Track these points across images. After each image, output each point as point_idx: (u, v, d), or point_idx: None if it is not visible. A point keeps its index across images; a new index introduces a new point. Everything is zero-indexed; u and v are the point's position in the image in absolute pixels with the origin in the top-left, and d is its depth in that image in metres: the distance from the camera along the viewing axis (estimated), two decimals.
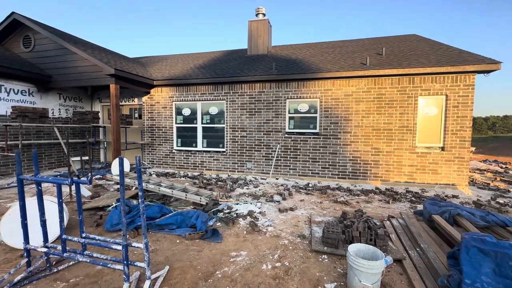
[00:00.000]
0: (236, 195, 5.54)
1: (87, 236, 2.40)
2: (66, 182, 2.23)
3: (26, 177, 2.43)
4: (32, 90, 7.55)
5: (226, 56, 10.81)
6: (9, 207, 4.50)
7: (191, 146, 8.35)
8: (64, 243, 2.36)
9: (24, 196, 2.49)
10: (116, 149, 7.23)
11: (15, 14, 7.57)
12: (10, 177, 6.85)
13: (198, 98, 8.09)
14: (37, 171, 2.43)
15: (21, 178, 2.43)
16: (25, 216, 2.48)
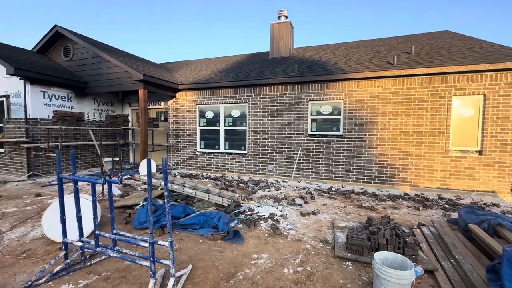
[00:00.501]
0: (257, 198, 5.55)
1: (117, 233, 2.54)
2: (100, 181, 2.38)
3: (65, 176, 2.63)
4: (70, 95, 8.19)
5: (248, 59, 10.94)
6: (50, 203, 4.90)
7: (214, 148, 8.52)
8: (97, 238, 2.52)
9: (63, 194, 2.70)
10: (143, 150, 7.59)
11: (57, 27, 8.29)
12: (51, 175, 7.47)
13: (221, 101, 8.25)
14: (74, 171, 2.62)
15: (61, 177, 2.64)
16: (63, 212, 2.69)
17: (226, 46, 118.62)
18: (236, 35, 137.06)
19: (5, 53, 7.23)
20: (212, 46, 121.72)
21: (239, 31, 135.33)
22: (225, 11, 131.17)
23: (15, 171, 7.36)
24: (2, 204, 4.84)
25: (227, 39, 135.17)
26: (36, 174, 7.20)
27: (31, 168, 7.14)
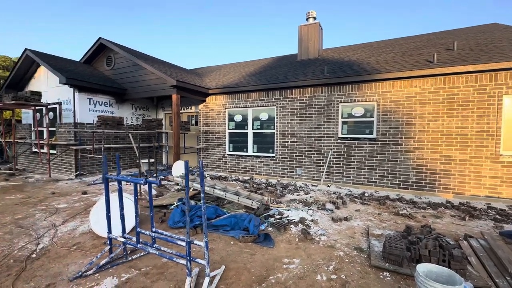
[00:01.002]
0: (286, 201, 5.50)
1: (156, 231, 2.68)
2: (141, 182, 2.54)
3: (110, 176, 2.85)
4: (112, 101, 8.88)
5: (276, 62, 10.96)
6: (95, 200, 5.33)
7: (242, 151, 8.64)
8: (138, 235, 2.69)
9: (109, 192, 2.92)
10: (176, 153, 7.94)
11: (101, 39, 9.06)
12: (94, 175, 8.13)
13: (249, 104, 8.36)
14: (119, 171, 2.83)
15: (107, 177, 2.87)
16: (109, 209, 2.91)
17: (253, 50, 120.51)
18: (261, 40, 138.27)
19: (59, 64, 8.07)
20: (239, 51, 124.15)
21: (264, 36, 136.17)
22: (251, 17, 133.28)
23: (65, 170, 8.14)
24: (56, 200, 5.37)
25: (253, 43, 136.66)
26: (82, 173, 7.89)
27: (78, 168, 7.85)
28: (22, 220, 4.19)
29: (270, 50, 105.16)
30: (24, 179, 7.50)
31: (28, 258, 3.02)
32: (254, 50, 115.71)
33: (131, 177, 2.69)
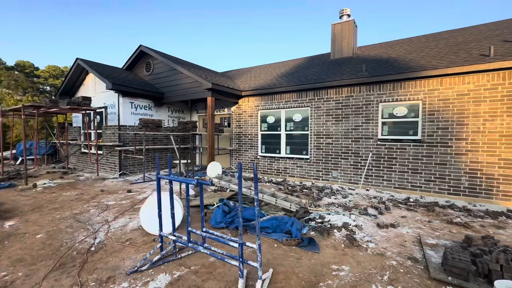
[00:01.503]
0: (324, 205, 5.34)
1: (207, 231, 2.73)
2: (193, 183, 2.61)
3: (162, 176, 2.97)
4: (150, 105, 9.37)
5: (308, 62, 10.77)
6: (140, 198, 5.64)
7: (275, 153, 8.59)
8: (189, 234, 2.76)
9: (160, 192, 3.05)
10: (210, 154, 8.13)
11: (142, 46, 9.62)
12: (135, 174, 8.63)
13: (282, 106, 8.30)
14: (169, 172, 2.94)
15: (159, 176, 2.99)
16: (160, 208, 3.03)
17: (281, 52, 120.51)
18: (291, 40, 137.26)
19: (105, 72, 8.72)
20: (268, 53, 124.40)
21: (293, 37, 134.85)
22: (279, 17, 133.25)
23: (110, 169, 8.75)
24: (105, 197, 5.78)
25: (282, 45, 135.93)
26: (125, 172, 8.42)
27: (122, 167, 8.38)
28: (79, 215, 4.56)
29: (299, 51, 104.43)
30: (76, 177, 8.20)
31: (88, 251, 3.25)
32: (282, 51, 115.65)
33: (183, 178, 2.77)
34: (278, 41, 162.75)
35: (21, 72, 39.43)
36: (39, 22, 67.75)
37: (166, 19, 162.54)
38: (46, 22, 68.65)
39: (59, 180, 7.67)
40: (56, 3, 69.28)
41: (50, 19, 71.15)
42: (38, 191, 6.32)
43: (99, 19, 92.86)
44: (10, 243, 3.47)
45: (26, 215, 4.61)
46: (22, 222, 4.24)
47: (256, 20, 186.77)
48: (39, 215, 4.59)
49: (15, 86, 36.09)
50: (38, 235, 3.72)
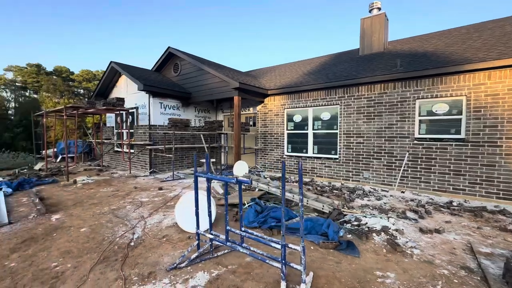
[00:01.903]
0: (358, 206, 5.11)
1: (246, 231, 2.69)
2: (233, 181, 2.58)
3: (200, 174, 2.98)
4: (178, 105, 9.61)
5: (335, 59, 10.45)
6: (171, 196, 5.77)
7: (302, 152, 8.42)
8: (227, 233, 2.74)
9: (198, 190, 3.06)
10: (237, 153, 8.15)
11: (170, 48, 9.90)
12: (164, 172, 8.89)
13: (310, 104, 8.10)
14: (207, 169, 2.94)
15: (197, 175, 3.01)
16: (197, 206, 3.05)
17: (303, 49, 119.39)
18: (314, 38, 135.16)
19: (136, 73, 9.08)
20: (290, 51, 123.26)
21: (316, 34, 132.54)
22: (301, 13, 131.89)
23: (140, 167, 9.10)
24: (138, 194, 5.99)
25: (304, 42, 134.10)
26: (155, 170, 8.70)
27: (152, 165, 8.68)
28: (117, 211, 4.75)
29: (322, 49, 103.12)
30: (110, 174, 8.62)
31: (128, 246, 3.36)
32: (305, 49, 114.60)
33: (221, 176, 2.76)
34: (300, 38, 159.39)
35: (58, 76, 42.52)
36: (69, 26, 72.72)
37: (187, 18, 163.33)
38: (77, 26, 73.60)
39: (95, 177, 8.11)
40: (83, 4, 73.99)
41: (78, 24, 76.16)
42: (78, 187, 6.72)
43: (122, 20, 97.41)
44: (58, 235, 3.69)
45: (69, 209, 4.89)
46: (66, 216, 4.51)
47: (276, 17, 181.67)
48: (81, 209, 4.85)
49: (54, 90, 38.99)
50: (82, 228, 3.92)
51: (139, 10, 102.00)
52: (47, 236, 3.68)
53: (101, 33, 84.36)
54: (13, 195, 5.95)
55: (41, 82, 39.06)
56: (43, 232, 3.82)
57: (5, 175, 8.55)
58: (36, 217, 4.43)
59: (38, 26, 63.20)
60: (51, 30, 66.45)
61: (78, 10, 72.38)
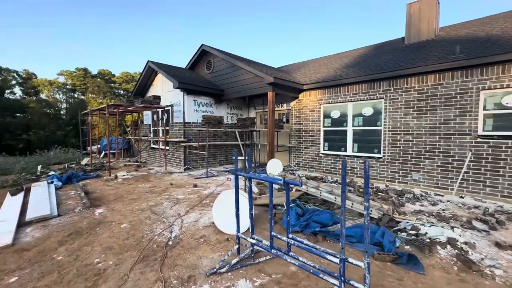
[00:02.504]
0: (410, 212, 4.52)
1: (294, 238, 2.40)
2: (280, 182, 2.29)
3: (241, 173, 2.75)
4: (211, 102, 9.60)
5: (375, 50, 9.63)
6: (206, 194, 5.69)
7: (339, 150, 7.87)
8: (272, 239, 2.47)
9: (238, 190, 2.84)
10: (271, 151, 7.88)
11: (203, 45, 9.93)
12: (197, 169, 8.95)
13: (349, 99, 7.51)
14: (249, 169, 2.70)
15: (237, 173, 2.78)
16: (238, 207, 2.83)
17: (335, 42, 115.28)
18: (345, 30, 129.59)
19: (171, 72, 9.24)
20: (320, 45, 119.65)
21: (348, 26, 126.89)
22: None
23: (175, 164, 9.28)
24: (174, 191, 6.02)
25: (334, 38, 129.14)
26: (188, 167, 8.80)
27: (186, 162, 8.78)
28: (154, 207, 4.76)
29: (356, 40, 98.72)
30: (148, 170, 8.91)
31: (166, 245, 3.27)
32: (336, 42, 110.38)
33: (265, 176, 2.49)
34: (330, 31, 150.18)
35: (102, 79, 46.09)
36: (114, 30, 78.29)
37: (217, 13, 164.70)
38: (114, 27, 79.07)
39: (134, 172, 8.42)
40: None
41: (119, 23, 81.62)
42: (119, 182, 6.99)
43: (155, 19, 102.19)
44: (101, 230, 3.75)
45: (111, 204, 5.03)
46: (108, 210, 4.62)
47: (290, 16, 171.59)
48: (122, 204, 4.96)
49: (98, 91, 42.34)
50: (122, 224, 3.95)
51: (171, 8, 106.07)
52: (91, 230, 3.76)
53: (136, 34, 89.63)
54: (63, 188, 6.35)
55: (87, 84, 42.73)
56: (88, 226, 3.91)
57: (57, 168, 9.29)
58: (81, 211, 4.60)
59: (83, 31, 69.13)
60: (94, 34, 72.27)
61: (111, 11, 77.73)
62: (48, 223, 4.05)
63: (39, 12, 61.23)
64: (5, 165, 9.62)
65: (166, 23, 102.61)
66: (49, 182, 6.52)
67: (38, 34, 63.22)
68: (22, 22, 58.49)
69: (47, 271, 2.73)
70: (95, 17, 71.54)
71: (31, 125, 31.94)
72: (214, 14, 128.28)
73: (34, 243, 3.38)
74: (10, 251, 3.16)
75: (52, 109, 38.80)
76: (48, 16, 63.21)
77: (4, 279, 2.61)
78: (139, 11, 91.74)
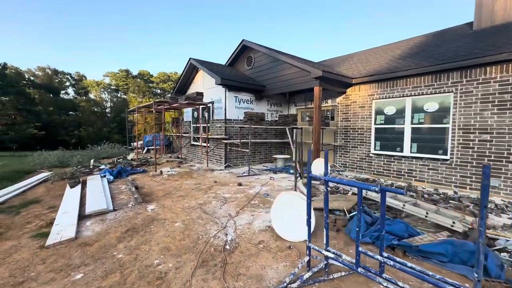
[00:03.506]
0: (500, 227, 3.77)
1: (390, 257, 1.98)
2: (374, 189, 1.88)
3: (315, 175, 2.39)
4: (252, 99, 9.37)
5: (434, 39, 8.58)
6: (252, 193, 5.43)
7: (394, 151, 7.10)
8: (358, 255, 2.07)
9: (311, 193, 2.49)
10: (317, 149, 7.40)
11: (244, 41, 9.71)
12: (238, 167, 8.78)
13: (408, 93, 6.71)
14: (326, 171, 2.32)
15: (311, 176, 2.43)
16: (310, 214, 2.48)
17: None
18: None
19: (213, 69, 9.18)
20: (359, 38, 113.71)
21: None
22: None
23: (215, 161, 9.24)
24: (219, 189, 5.87)
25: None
26: (229, 165, 8.67)
27: (227, 160, 8.68)
28: (204, 206, 4.62)
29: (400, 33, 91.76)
30: (189, 167, 8.99)
31: (224, 249, 3.04)
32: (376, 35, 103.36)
33: (354, 181, 2.10)
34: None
35: (141, 79, 48.94)
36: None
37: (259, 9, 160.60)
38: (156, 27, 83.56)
39: (177, 168, 8.53)
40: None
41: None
42: (164, 178, 7.08)
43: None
44: (155, 228, 3.67)
45: (160, 200, 5.02)
46: (159, 207, 4.58)
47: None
48: (171, 201, 4.91)
49: (138, 91, 45.03)
50: (176, 223, 3.84)
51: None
52: (146, 227, 3.70)
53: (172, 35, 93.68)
54: (114, 182, 6.59)
55: (128, 84, 45.76)
56: (142, 223, 3.87)
57: (106, 162, 9.83)
58: (134, 206, 4.63)
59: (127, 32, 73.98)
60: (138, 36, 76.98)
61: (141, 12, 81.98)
62: (105, 217, 4.10)
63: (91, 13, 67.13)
64: (63, 158, 10.46)
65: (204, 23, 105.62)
66: (101, 176, 6.82)
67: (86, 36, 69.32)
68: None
69: (110, 270, 2.65)
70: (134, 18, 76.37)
71: (81, 122, 35.07)
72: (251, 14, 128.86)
73: (95, 237, 3.40)
74: (74, 245, 3.19)
75: (99, 108, 42.29)
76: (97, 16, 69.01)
77: (71, 275, 2.59)
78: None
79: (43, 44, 65.78)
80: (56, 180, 7.00)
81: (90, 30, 72.08)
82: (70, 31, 68.30)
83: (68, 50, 69.79)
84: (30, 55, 64.82)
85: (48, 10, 62.37)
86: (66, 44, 69.22)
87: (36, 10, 60.71)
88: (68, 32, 68.53)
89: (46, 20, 63.63)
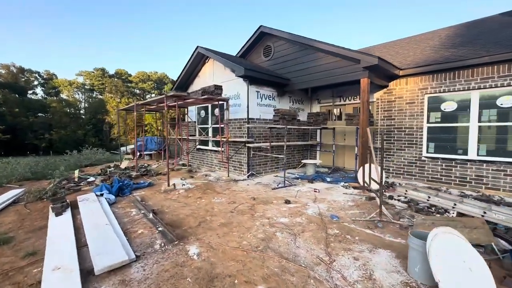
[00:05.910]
0: None
1: None
2: None
3: None
4: (274, 94, 7.98)
5: (494, 23, 7.84)
6: (311, 214, 4.03)
7: (455, 153, 6.08)
8: None
9: None
10: (362, 153, 6.19)
11: (262, 27, 8.33)
12: (261, 175, 7.36)
13: (474, 85, 5.71)
14: None
15: None
16: None
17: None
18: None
19: (231, 58, 7.67)
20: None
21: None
22: None
23: (232, 168, 7.73)
24: (266, 210, 4.41)
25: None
26: (252, 173, 7.22)
27: (250, 167, 7.22)
28: (270, 243, 3.17)
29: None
30: (204, 176, 7.36)
31: None
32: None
33: None
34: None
35: (119, 78, 45.57)
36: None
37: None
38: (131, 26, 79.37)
39: (190, 179, 6.89)
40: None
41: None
42: (181, 194, 5.48)
43: None
44: None
45: (198, 233, 3.49)
46: (206, 249, 3.06)
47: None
48: (216, 236, 3.39)
49: (115, 91, 41.73)
50: (256, 286, 2.37)
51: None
52: None
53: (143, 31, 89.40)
54: (117, 203, 4.90)
55: (105, 84, 42.26)
56: (197, 286, 2.36)
57: (94, 173, 7.94)
58: (165, 248, 3.07)
59: (103, 31, 69.41)
60: (114, 34, 72.42)
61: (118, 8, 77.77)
62: (129, 275, 2.53)
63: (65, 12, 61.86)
64: (36, 167, 8.38)
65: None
66: (97, 194, 5.09)
67: (58, 35, 63.93)
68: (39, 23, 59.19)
69: None
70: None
71: (53, 124, 31.56)
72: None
73: None
74: None
75: (72, 109, 38.55)
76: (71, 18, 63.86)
77: None
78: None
79: (8, 41, 59.43)
80: (32, 201, 5.17)
81: (59, 27, 66.43)
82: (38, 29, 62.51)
83: (36, 47, 63.87)
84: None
85: (15, 3, 56.33)
86: (34, 42, 63.26)
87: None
88: (37, 29, 62.65)
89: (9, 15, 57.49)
